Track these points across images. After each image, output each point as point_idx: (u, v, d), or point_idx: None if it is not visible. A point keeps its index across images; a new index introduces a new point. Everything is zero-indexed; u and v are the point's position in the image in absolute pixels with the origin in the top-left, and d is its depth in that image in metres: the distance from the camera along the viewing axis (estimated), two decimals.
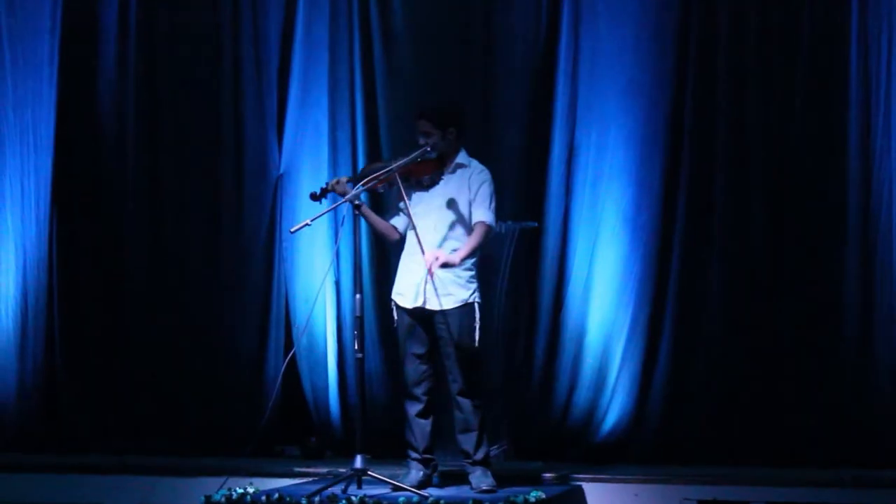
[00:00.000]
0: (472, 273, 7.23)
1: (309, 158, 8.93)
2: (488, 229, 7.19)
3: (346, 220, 7.67)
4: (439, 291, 7.15)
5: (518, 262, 8.36)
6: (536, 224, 8.38)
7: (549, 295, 8.46)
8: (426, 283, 7.14)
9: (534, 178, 8.47)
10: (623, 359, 8.30)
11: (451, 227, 7.21)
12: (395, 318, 7.33)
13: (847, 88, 8.14)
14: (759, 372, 8.18)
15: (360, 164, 8.69)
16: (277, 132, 8.99)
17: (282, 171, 8.97)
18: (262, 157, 8.99)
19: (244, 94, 9.01)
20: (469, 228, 7.19)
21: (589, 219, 8.43)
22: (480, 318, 7.20)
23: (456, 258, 7.09)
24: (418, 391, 7.23)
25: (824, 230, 8.17)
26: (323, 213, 7.47)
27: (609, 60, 8.44)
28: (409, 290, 7.23)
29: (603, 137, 8.43)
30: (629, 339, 8.31)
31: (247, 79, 9.01)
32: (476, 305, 7.20)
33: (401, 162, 7.17)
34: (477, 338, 7.18)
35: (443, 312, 7.16)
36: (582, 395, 8.36)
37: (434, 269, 7.03)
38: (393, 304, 7.33)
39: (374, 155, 8.69)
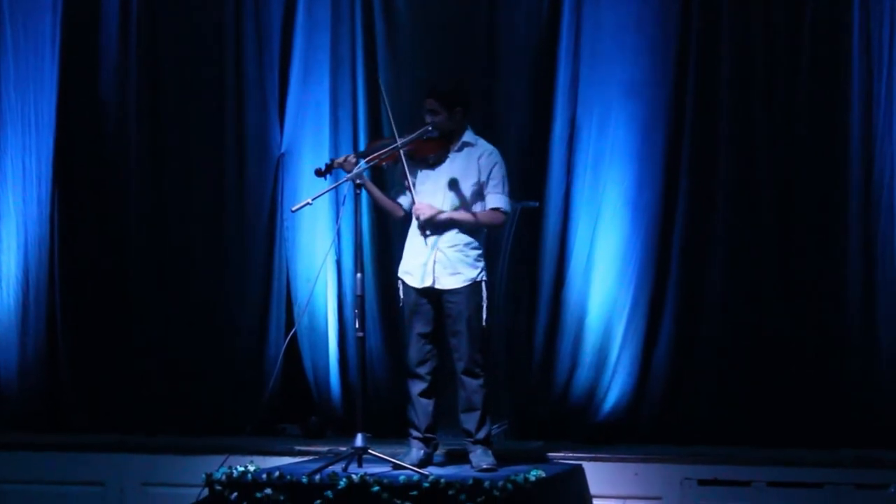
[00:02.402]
0: (480, 252, 7.25)
1: (310, 137, 8.92)
2: (501, 217, 7.24)
3: (347, 199, 7.66)
4: (448, 270, 7.17)
5: (519, 242, 8.35)
6: (537, 203, 8.37)
7: (550, 275, 8.45)
8: (434, 261, 7.16)
9: (535, 158, 8.46)
10: (624, 339, 8.30)
11: (457, 206, 7.22)
12: (402, 296, 7.34)
13: (850, 67, 8.12)
14: (760, 352, 8.18)
15: (362, 143, 8.68)
16: (279, 111, 8.98)
17: (283, 150, 8.96)
18: (264, 137, 8.98)
19: (246, 72, 8.99)
20: (471, 207, 7.22)
21: (590, 198, 8.42)
22: (487, 297, 7.21)
23: (445, 215, 7.14)
24: (422, 370, 7.24)
25: (827, 209, 8.16)
26: (324, 193, 7.48)
27: (611, 39, 8.42)
28: (417, 269, 7.24)
29: (604, 116, 8.43)
30: (630, 319, 8.31)
31: (248, 58, 8.99)
32: (483, 284, 7.22)
33: (403, 140, 7.19)
34: (485, 317, 7.20)
35: (451, 291, 7.17)
36: (583, 374, 8.36)
37: (421, 218, 7.11)
38: (399, 282, 7.33)
39: (375, 133, 8.68)
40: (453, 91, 7.31)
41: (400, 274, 7.34)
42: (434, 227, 7.18)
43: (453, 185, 7.22)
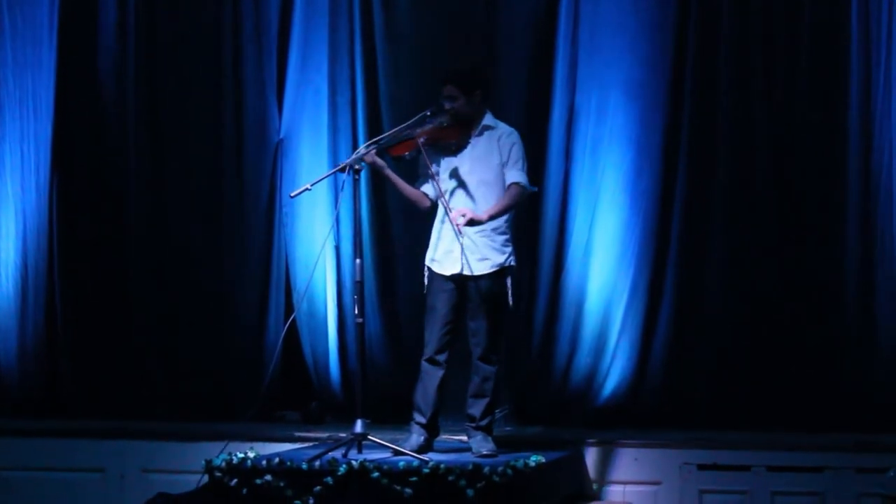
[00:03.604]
0: (507, 237, 7.23)
1: (309, 123, 8.92)
2: (521, 190, 7.19)
3: (346, 184, 7.64)
4: (475, 256, 7.13)
5: (518, 228, 8.33)
6: (536, 189, 8.34)
7: (550, 260, 8.46)
8: (462, 249, 7.14)
9: (534, 143, 8.40)
10: (623, 324, 8.32)
11: (481, 190, 7.19)
12: (426, 283, 7.28)
13: (848, 50, 8.15)
14: (760, 336, 8.19)
15: (360, 129, 8.70)
16: (277, 97, 8.97)
17: (282, 136, 8.95)
18: (263, 123, 8.98)
19: (244, 59, 8.99)
20: (498, 190, 7.19)
21: (589, 183, 8.43)
22: (512, 284, 7.20)
23: (484, 216, 7.08)
24: (441, 358, 7.21)
25: (826, 194, 8.17)
26: (323, 178, 7.47)
27: (609, 24, 8.42)
28: (445, 257, 7.20)
29: (603, 101, 8.43)
30: (629, 304, 8.31)
31: (247, 44, 8.98)
32: (510, 270, 7.21)
33: (405, 125, 7.17)
34: (510, 302, 7.20)
35: (477, 277, 7.14)
36: (582, 359, 8.37)
37: (461, 226, 7.02)
38: (426, 269, 7.29)
39: (374, 119, 8.68)
40: (470, 74, 7.29)
41: (427, 262, 7.29)
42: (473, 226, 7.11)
43: (476, 169, 7.19)
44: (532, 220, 8.44)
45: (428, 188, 7.33)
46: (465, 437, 7.37)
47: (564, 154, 8.46)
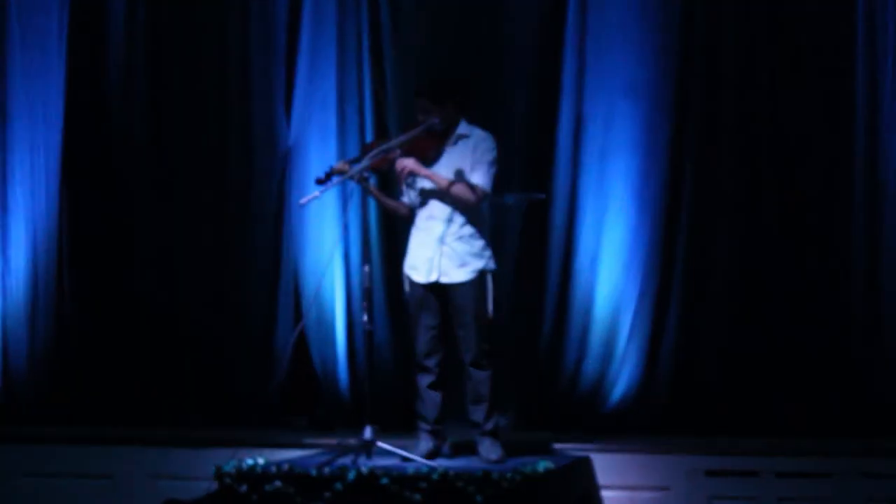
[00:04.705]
0: (484, 242, 7.24)
1: (317, 132, 8.92)
2: (478, 194, 7.15)
3: (354, 192, 7.67)
4: (453, 263, 7.17)
5: (526, 234, 8.37)
6: (544, 196, 8.38)
7: (557, 266, 8.46)
8: (441, 256, 7.16)
9: (542, 150, 8.47)
10: (631, 330, 8.31)
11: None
12: (407, 290, 7.34)
13: (854, 51, 8.13)
14: (768, 342, 8.19)
15: (369, 137, 8.71)
16: (285, 106, 8.99)
17: (290, 144, 8.97)
18: (271, 131, 8.98)
19: (252, 67, 9.00)
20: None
21: (597, 190, 8.43)
22: (494, 288, 7.22)
23: (420, 169, 7.12)
24: (430, 363, 7.25)
25: (833, 198, 8.17)
26: (331, 186, 7.49)
27: (616, 31, 8.42)
28: (422, 264, 7.24)
29: (610, 109, 8.42)
30: (637, 311, 8.31)
31: (255, 52, 9.00)
32: (489, 275, 7.23)
33: (402, 137, 7.20)
34: (491, 308, 7.20)
35: (457, 284, 7.17)
36: (590, 366, 8.37)
37: (403, 175, 7.12)
38: (405, 277, 7.34)
39: (381, 127, 8.70)
40: (441, 86, 7.28)
41: (405, 269, 7.34)
42: (413, 177, 7.19)
43: (452, 179, 7.22)
44: (540, 226, 8.46)
45: (406, 198, 7.38)
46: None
47: (572, 161, 8.47)
